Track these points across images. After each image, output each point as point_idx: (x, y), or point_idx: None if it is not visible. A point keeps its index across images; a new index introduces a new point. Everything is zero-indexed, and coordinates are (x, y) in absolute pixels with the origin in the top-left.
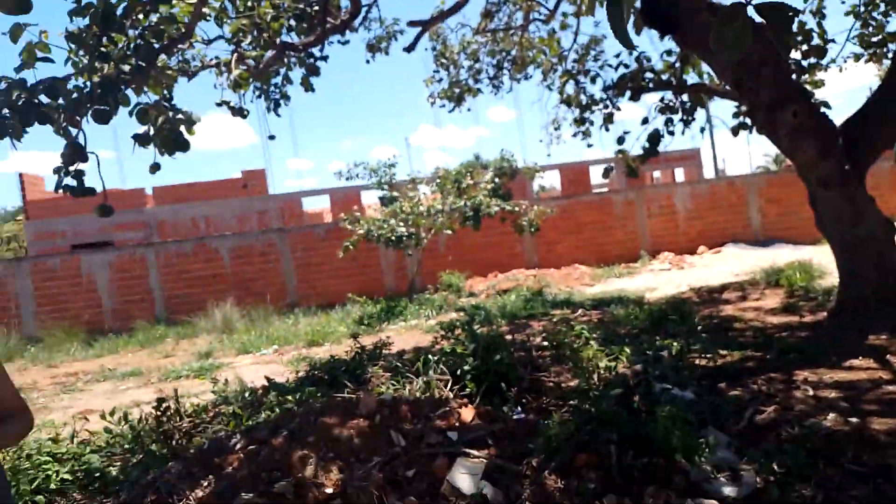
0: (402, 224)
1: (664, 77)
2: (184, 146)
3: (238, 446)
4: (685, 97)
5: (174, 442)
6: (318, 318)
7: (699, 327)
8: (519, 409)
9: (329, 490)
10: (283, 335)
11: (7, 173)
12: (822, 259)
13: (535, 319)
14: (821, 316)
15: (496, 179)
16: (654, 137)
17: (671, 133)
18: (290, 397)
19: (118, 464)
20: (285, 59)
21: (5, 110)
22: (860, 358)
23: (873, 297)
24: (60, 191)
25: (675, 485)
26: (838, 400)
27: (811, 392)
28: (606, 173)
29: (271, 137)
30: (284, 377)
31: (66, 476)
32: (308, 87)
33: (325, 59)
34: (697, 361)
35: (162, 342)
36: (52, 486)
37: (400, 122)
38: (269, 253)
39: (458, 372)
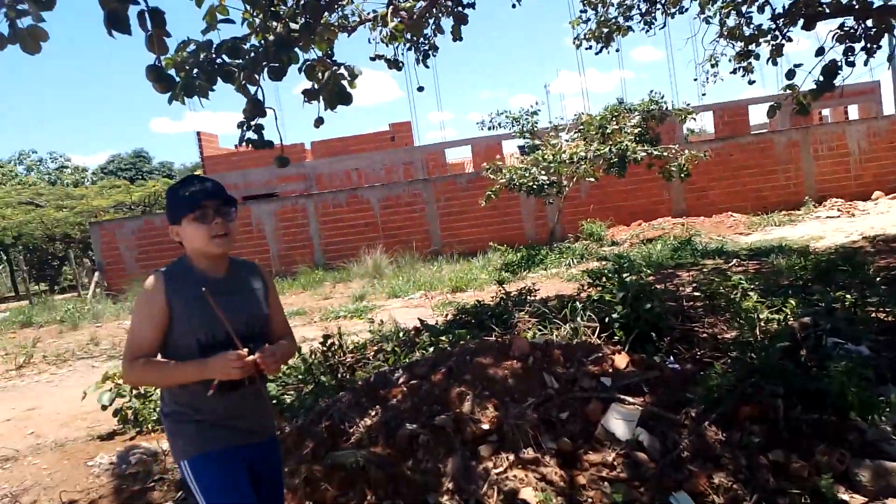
0: (543, 172)
1: (844, 1)
2: (347, 99)
3: (401, 380)
4: (869, 22)
5: (339, 374)
6: (460, 266)
7: (876, 278)
8: (671, 359)
9: (485, 426)
10: (429, 281)
11: (184, 133)
12: None
13: (684, 269)
14: None
15: (643, 123)
16: (831, 70)
17: (851, 65)
18: (442, 338)
19: (292, 392)
20: (434, 10)
21: (194, 70)
22: None
23: None
24: (243, 144)
25: (849, 443)
26: None
27: None
28: (773, 111)
29: (420, 89)
30: (433, 320)
31: None
32: (457, 35)
33: (472, 5)
34: (874, 315)
35: (321, 285)
36: None
37: (538, 71)
38: (415, 202)
39: (606, 320)
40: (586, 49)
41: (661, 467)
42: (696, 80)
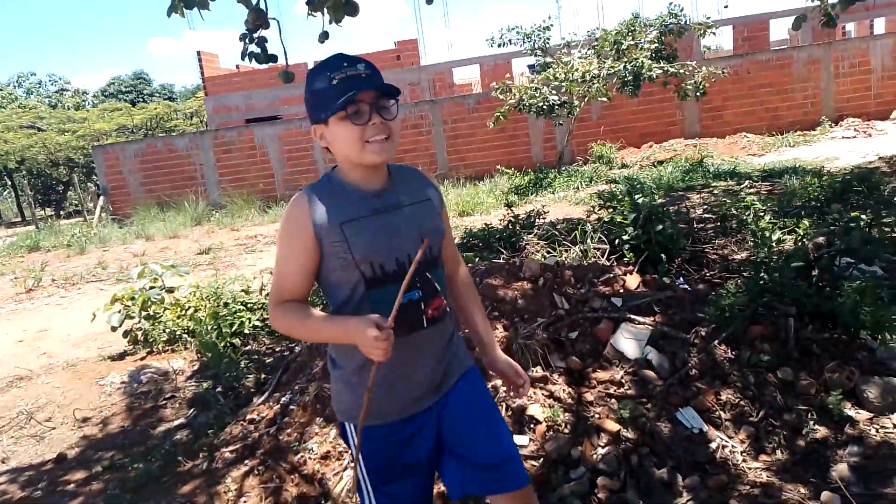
0: (554, 92)
1: None
2: (353, 10)
3: None
4: None
5: None
6: (467, 189)
7: (892, 199)
8: (681, 280)
9: None
10: None
11: (183, 55)
12: None
13: (695, 191)
14: None
15: (660, 38)
16: None
17: None
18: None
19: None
20: None
21: None
22: None
23: None
24: (246, 59)
25: (858, 361)
26: None
27: None
28: (798, 23)
29: (429, 1)
30: None
31: (257, 323)
32: None
33: None
34: (889, 236)
35: None
36: (246, 330)
37: None
38: (421, 125)
39: (616, 242)
40: None
41: (668, 385)
42: None
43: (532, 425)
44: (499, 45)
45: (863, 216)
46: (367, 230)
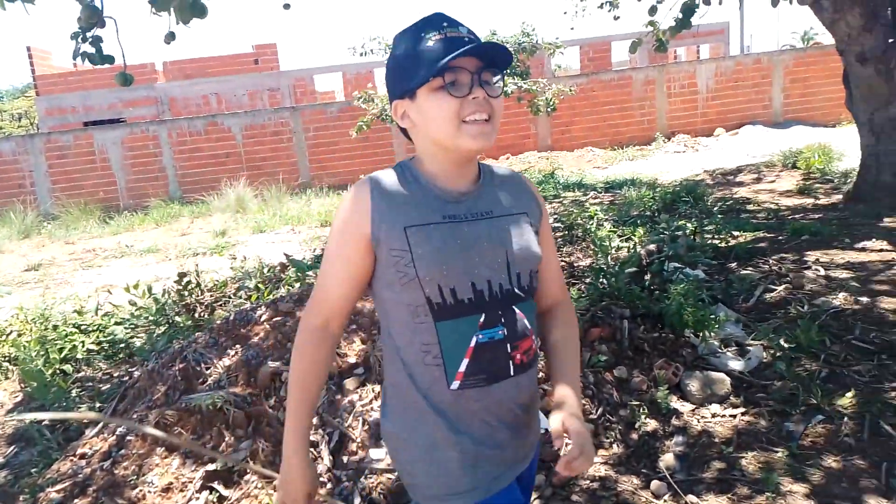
0: None
1: None
2: (201, 11)
3: (263, 317)
4: None
5: (197, 315)
6: (330, 199)
7: (713, 209)
8: None
9: (352, 360)
10: (297, 215)
11: (14, 50)
12: (840, 141)
13: (547, 202)
14: (836, 199)
15: (514, 56)
16: (689, 8)
17: (707, 2)
18: (309, 273)
19: (143, 335)
20: None
21: None
22: (873, 240)
23: (893, 181)
24: (78, 59)
25: (683, 358)
26: (849, 280)
27: (822, 272)
28: (634, 47)
29: (286, 6)
30: (301, 255)
31: (92, 346)
32: None
33: None
34: (710, 242)
35: (177, 220)
36: (79, 355)
37: None
38: (282, 132)
39: None
40: None
41: None
42: (565, 13)
43: None
44: (361, 54)
45: (688, 225)
46: (436, 241)
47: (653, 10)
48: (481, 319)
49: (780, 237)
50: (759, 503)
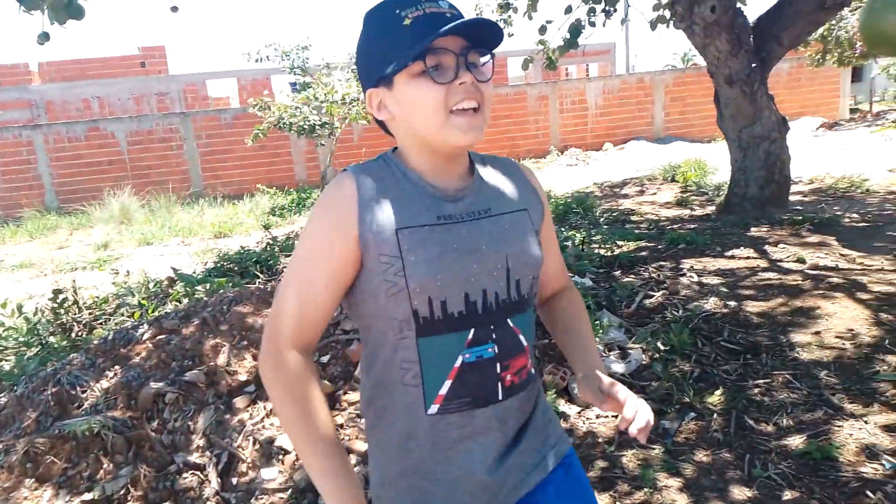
0: (314, 112)
1: None
2: (78, 12)
3: (146, 336)
4: None
5: (74, 335)
6: (224, 209)
7: (601, 219)
8: None
9: (243, 377)
10: (188, 226)
11: None
12: (714, 156)
13: None
14: (709, 210)
15: None
16: (576, 28)
17: (592, 24)
18: (199, 288)
19: (12, 358)
20: None
21: None
22: (741, 248)
23: (759, 193)
24: None
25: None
26: (719, 285)
27: (696, 278)
28: (526, 64)
29: (174, 9)
30: (191, 268)
31: None
32: None
33: None
34: (597, 251)
35: (54, 232)
36: None
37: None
38: (171, 139)
39: None
40: None
41: None
42: None
43: (281, 456)
44: (256, 61)
45: (576, 235)
46: (432, 246)
47: (542, 30)
48: (470, 336)
49: (660, 246)
50: (638, 499)
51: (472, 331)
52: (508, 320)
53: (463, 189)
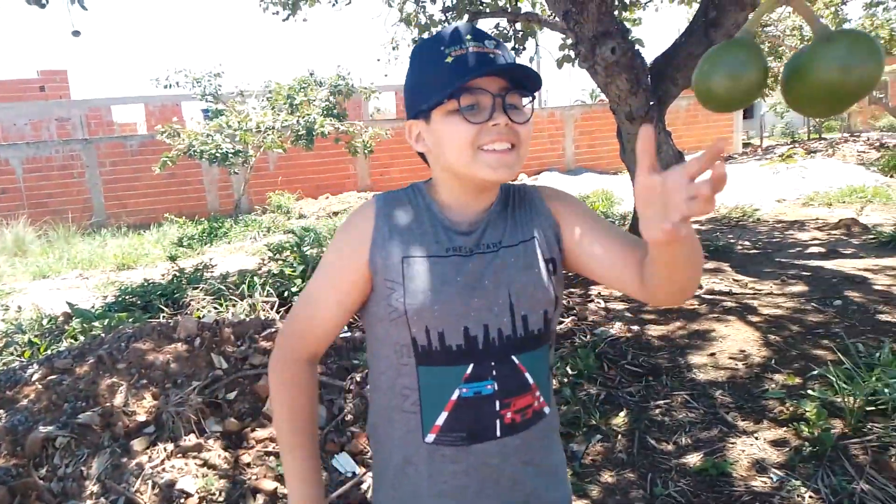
0: (227, 140)
1: (500, 4)
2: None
3: (35, 376)
4: (518, 25)
5: None
6: (129, 240)
7: None
8: (346, 328)
9: (142, 418)
10: (88, 258)
11: None
12: (621, 187)
13: None
14: None
15: (331, 98)
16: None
17: None
18: (96, 324)
19: None
20: None
21: None
22: None
23: None
24: None
25: None
26: (624, 311)
27: (603, 304)
28: None
29: (75, 34)
30: (90, 303)
31: None
32: None
33: None
34: None
35: None
36: None
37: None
38: (72, 166)
39: (286, 294)
40: (273, 14)
41: (326, 433)
42: (378, 60)
43: (183, 500)
44: (165, 87)
45: None
46: (435, 276)
47: None
48: (468, 371)
49: (570, 274)
50: None
51: (471, 366)
52: (513, 357)
53: (478, 222)
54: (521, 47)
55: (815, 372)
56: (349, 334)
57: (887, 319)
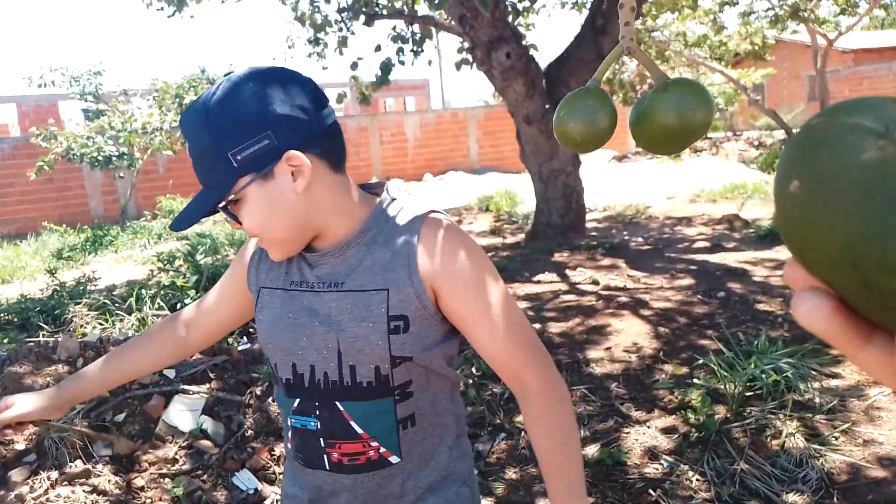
0: (111, 142)
1: (397, 6)
2: None
3: None
4: (416, 28)
5: None
6: (4, 251)
7: None
8: (245, 339)
9: (21, 446)
10: None
11: None
12: (523, 187)
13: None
14: (520, 237)
15: None
16: (386, 66)
17: (402, 63)
18: None
19: None
20: None
21: None
22: (546, 273)
23: (560, 221)
24: None
25: None
26: (527, 309)
27: None
28: (340, 98)
29: None
30: None
31: None
32: None
33: None
34: None
35: None
36: None
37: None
38: None
39: (178, 306)
40: (158, 10)
41: (224, 451)
42: (274, 59)
43: None
44: (39, 86)
45: None
46: (273, 310)
47: (354, 66)
48: (295, 404)
49: None
50: None
51: (298, 401)
52: (337, 403)
53: (327, 255)
54: (420, 49)
55: (700, 361)
56: (248, 346)
57: (765, 309)
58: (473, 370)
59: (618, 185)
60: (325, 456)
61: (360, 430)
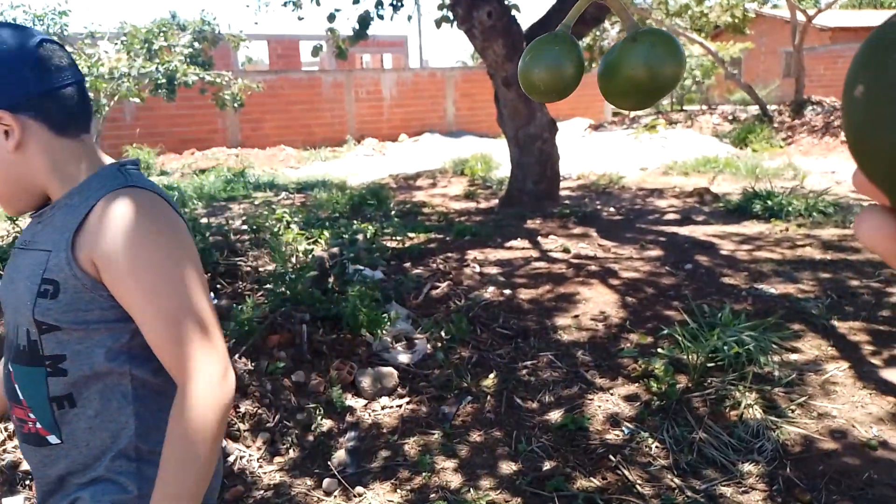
0: None
1: None
2: None
3: None
4: None
5: None
6: None
7: (393, 212)
8: (212, 295)
9: None
10: None
11: None
12: (500, 152)
13: (236, 202)
14: (494, 203)
15: (195, 44)
16: (364, 19)
17: (381, 17)
18: None
19: None
20: None
21: None
22: (518, 239)
23: (534, 188)
24: None
25: (359, 356)
26: (498, 275)
27: (478, 269)
28: (316, 51)
29: None
30: None
31: None
32: None
33: None
34: (389, 243)
35: None
36: None
37: None
38: None
39: None
40: None
41: None
42: (248, 6)
43: (28, 481)
44: None
45: (368, 227)
46: (6, 270)
47: (331, 18)
48: (1, 360)
49: (448, 238)
50: (418, 483)
51: (4, 359)
52: (10, 364)
53: (43, 215)
54: (400, 3)
55: (665, 331)
56: (215, 301)
57: (730, 282)
58: (443, 334)
59: (592, 154)
60: (21, 423)
61: (21, 396)
